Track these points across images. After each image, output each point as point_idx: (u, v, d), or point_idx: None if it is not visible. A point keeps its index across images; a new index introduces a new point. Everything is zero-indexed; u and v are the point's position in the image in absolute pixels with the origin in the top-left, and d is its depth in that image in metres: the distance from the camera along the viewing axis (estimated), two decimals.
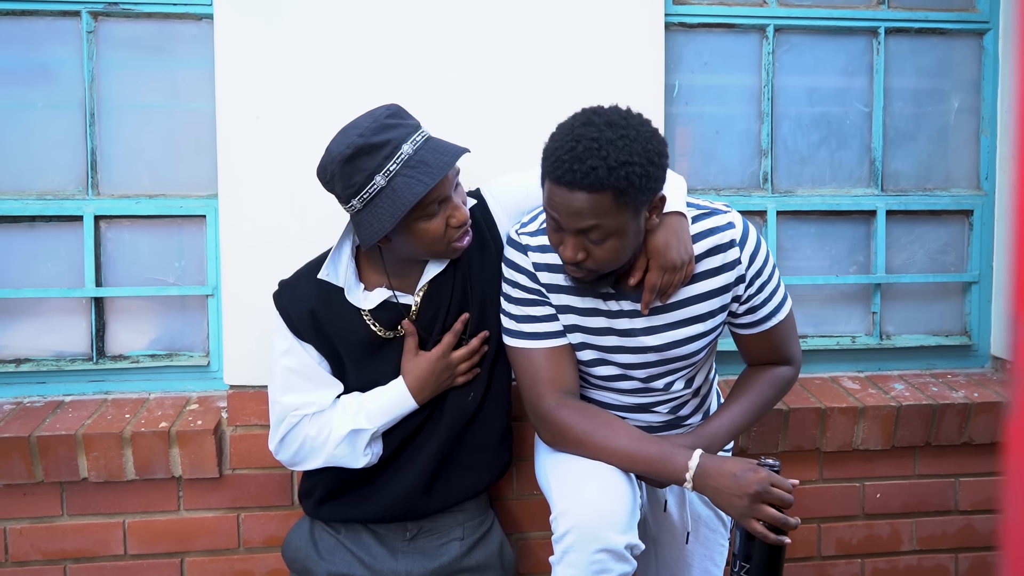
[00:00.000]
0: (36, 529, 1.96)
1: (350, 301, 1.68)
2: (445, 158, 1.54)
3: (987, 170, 2.35)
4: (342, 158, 1.52)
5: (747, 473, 1.47)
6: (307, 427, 1.69)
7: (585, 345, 1.67)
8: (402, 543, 1.80)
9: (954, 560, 2.25)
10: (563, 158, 1.39)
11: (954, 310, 2.39)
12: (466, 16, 2.00)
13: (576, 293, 1.63)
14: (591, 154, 1.37)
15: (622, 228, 1.43)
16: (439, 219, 1.58)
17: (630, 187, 1.38)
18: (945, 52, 2.34)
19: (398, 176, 1.51)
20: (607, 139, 1.38)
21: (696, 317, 1.63)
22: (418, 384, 1.68)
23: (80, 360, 2.10)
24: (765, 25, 2.24)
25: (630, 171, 1.37)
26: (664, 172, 1.45)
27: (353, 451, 1.69)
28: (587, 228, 1.42)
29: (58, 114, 2.08)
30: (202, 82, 2.06)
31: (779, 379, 1.74)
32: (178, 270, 2.13)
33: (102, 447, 1.90)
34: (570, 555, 1.47)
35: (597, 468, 1.58)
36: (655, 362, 1.66)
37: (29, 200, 2.06)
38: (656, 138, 1.43)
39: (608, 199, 1.39)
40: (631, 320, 1.63)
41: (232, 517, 2.01)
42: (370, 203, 1.53)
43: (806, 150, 2.31)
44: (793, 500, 1.47)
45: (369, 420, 1.68)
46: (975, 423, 2.16)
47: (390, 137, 1.52)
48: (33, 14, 2.05)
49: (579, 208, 1.40)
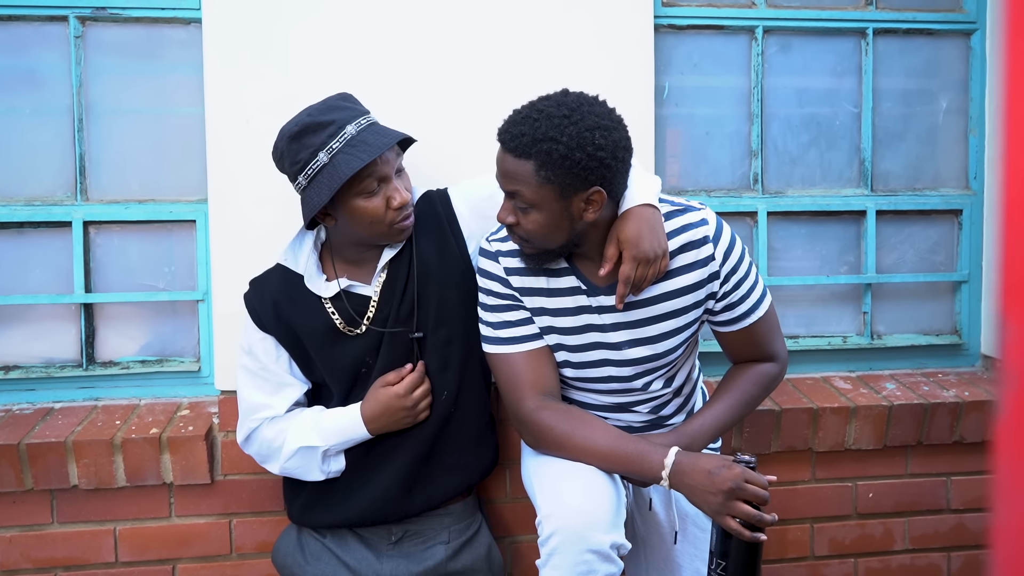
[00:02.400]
0: (26, 537, 1.94)
1: (310, 288, 1.72)
2: (384, 139, 1.61)
3: (976, 170, 2.36)
4: (290, 135, 1.61)
5: (721, 470, 1.47)
6: (266, 431, 1.75)
7: (561, 346, 1.67)
8: (387, 546, 1.79)
9: (946, 559, 2.25)
10: (507, 120, 1.51)
11: (944, 309, 2.40)
12: (455, 18, 2.00)
13: (549, 295, 1.64)
14: (527, 122, 1.46)
15: (544, 204, 1.49)
16: (379, 198, 1.63)
17: (550, 163, 1.44)
18: (933, 52, 2.35)
19: (339, 154, 1.58)
20: (548, 115, 1.45)
21: (669, 313, 1.63)
22: (372, 414, 1.70)
23: (70, 367, 2.09)
24: (754, 26, 2.24)
25: (552, 148, 1.43)
26: (601, 166, 1.45)
27: (307, 466, 1.73)
28: (512, 192, 1.51)
29: (46, 119, 2.07)
30: (191, 86, 2.06)
31: (763, 376, 1.74)
32: (168, 275, 2.12)
33: (92, 454, 1.89)
34: (555, 557, 1.47)
35: (579, 469, 1.59)
36: (630, 361, 1.66)
37: (17, 206, 2.05)
38: (602, 132, 1.45)
39: (530, 168, 1.46)
40: (600, 316, 1.64)
41: (224, 523, 2.00)
42: (313, 179, 1.60)
43: (796, 151, 2.32)
44: (769, 496, 1.47)
45: (322, 438, 1.71)
46: (966, 422, 2.16)
47: (335, 117, 1.60)
48: (20, 19, 2.04)
49: (506, 169, 1.50)
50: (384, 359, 1.73)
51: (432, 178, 1.92)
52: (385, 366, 1.73)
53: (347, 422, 1.71)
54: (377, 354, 1.74)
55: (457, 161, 2.00)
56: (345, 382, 1.75)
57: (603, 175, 1.47)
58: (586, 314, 1.65)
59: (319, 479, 1.75)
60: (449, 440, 1.77)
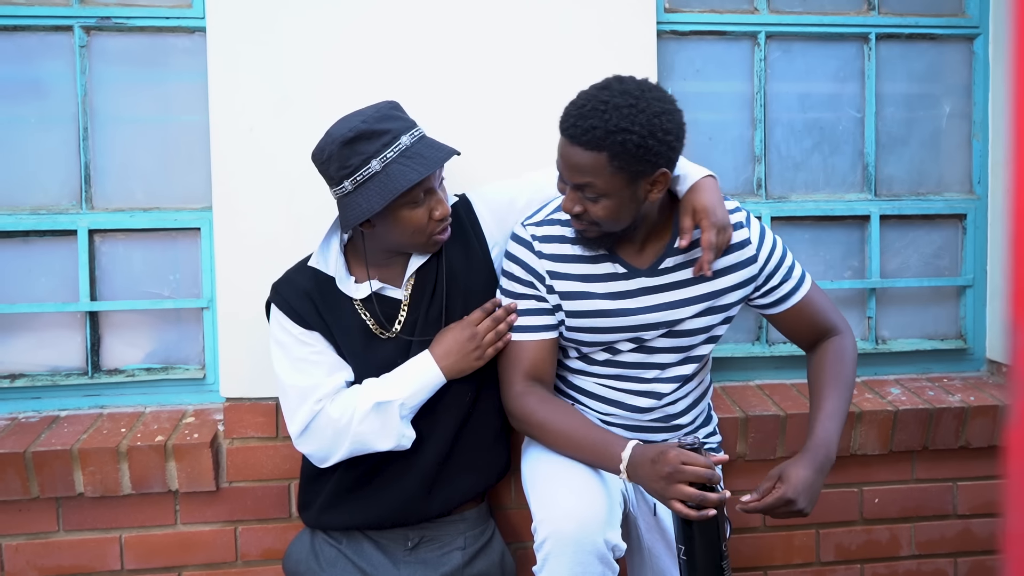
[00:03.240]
0: (32, 545, 1.94)
1: (341, 290, 1.72)
2: (439, 153, 1.63)
3: (979, 174, 2.36)
4: (343, 139, 1.59)
5: (660, 456, 1.47)
6: (331, 410, 1.68)
7: (586, 329, 1.70)
8: (404, 552, 1.79)
9: (953, 564, 2.24)
10: (571, 113, 1.50)
11: (949, 314, 2.40)
12: (460, 25, 2.01)
13: (584, 280, 1.67)
14: (595, 115, 1.46)
15: (615, 191, 1.51)
16: (423, 209, 1.64)
17: (624, 153, 1.46)
18: (936, 57, 2.35)
19: (394, 163, 1.58)
20: (615, 105, 1.46)
21: (709, 310, 1.70)
22: (443, 354, 1.69)
23: (75, 375, 2.09)
24: (756, 32, 2.25)
25: (627, 138, 1.45)
26: (668, 149, 1.50)
27: (382, 427, 1.66)
28: (582, 184, 1.52)
29: (51, 129, 2.07)
30: (195, 95, 2.06)
31: (841, 351, 1.76)
32: (173, 283, 2.12)
33: (98, 462, 1.89)
34: (550, 563, 1.47)
35: (570, 472, 1.60)
36: (658, 349, 1.71)
37: (23, 215, 2.06)
38: (668, 116, 1.49)
39: (603, 160, 1.48)
40: (635, 300, 1.67)
41: (229, 530, 2.00)
42: (362, 185, 1.59)
43: (799, 156, 2.32)
44: (713, 474, 1.44)
45: (398, 391, 1.67)
46: (972, 427, 2.16)
47: (391, 127, 1.61)
48: (25, 29, 2.05)
49: (576, 163, 1.50)
50: None
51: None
52: None
53: (419, 367, 1.69)
54: (407, 357, 1.74)
55: (461, 162, 2.00)
56: None
57: (669, 157, 1.52)
58: (621, 299, 1.67)
59: (389, 447, 1.67)
60: (467, 440, 1.78)
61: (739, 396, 2.18)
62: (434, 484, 1.75)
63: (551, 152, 1.80)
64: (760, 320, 2.30)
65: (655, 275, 1.67)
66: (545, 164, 1.99)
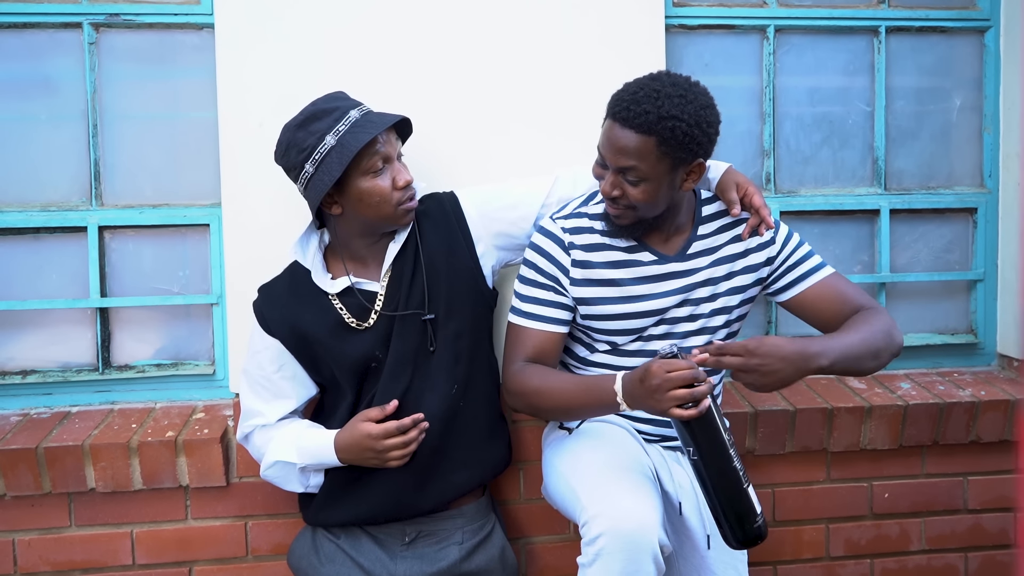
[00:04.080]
0: (44, 540, 1.96)
1: (317, 284, 1.76)
2: (386, 117, 1.69)
3: (990, 168, 2.35)
4: (296, 124, 1.68)
5: (646, 372, 1.49)
6: (256, 437, 1.81)
7: (621, 315, 1.74)
8: (401, 547, 1.80)
9: (964, 559, 2.24)
10: (624, 98, 1.58)
11: (959, 308, 2.39)
12: (467, 20, 2.01)
13: (614, 267, 1.73)
14: (649, 100, 1.55)
15: (657, 176, 1.59)
16: (385, 178, 1.69)
17: (673, 139, 1.54)
18: (946, 50, 2.34)
19: (347, 134, 1.64)
20: (667, 94, 1.55)
21: (731, 290, 1.76)
22: (342, 445, 1.71)
23: (86, 371, 2.10)
24: (766, 26, 2.24)
25: (676, 125, 1.54)
26: (709, 141, 1.60)
27: (285, 477, 1.78)
28: (626, 167, 1.58)
29: (61, 125, 2.08)
30: (204, 91, 2.07)
31: (867, 315, 1.70)
32: (182, 279, 2.13)
33: (109, 457, 1.90)
34: (604, 559, 1.47)
35: (621, 468, 1.61)
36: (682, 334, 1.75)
37: (33, 212, 2.06)
38: (711, 111, 1.60)
39: (652, 144, 1.55)
40: (663, 283, 1.73)
41: (240, 525, 2.01)
42: (321, 163, 1.65)
43: (808, 150, 2.31)
44: (696, 372, 1.46)
45: (299, 456, 1.75)
46: (982, 421, 2.15)
47: (338, 105, 1.68)
48: (35, 26, 2.05)
49: (624, 145, 1.57)
50: (395, 352, 1.74)
51: (444, 178, 1.92)
52: (396, 360, 1.74)
53: (322, 446, 1.73)
54: (387, 347, 1.75)
55: (469, 161, 2.00)
56: (355, 378, 1.76)
57: (708, 149, 1.62)
58: (650, 283, 1.73)
59: (299, 491, 1.81)
60: (459, 434, 1.78)
61: (747, 391, 2.18)
62: (427, 478, 1.76)
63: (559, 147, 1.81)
64: (770, 314, 2.29)
65: (684, 260, 1.74)
66: (552, 157, 1.99)
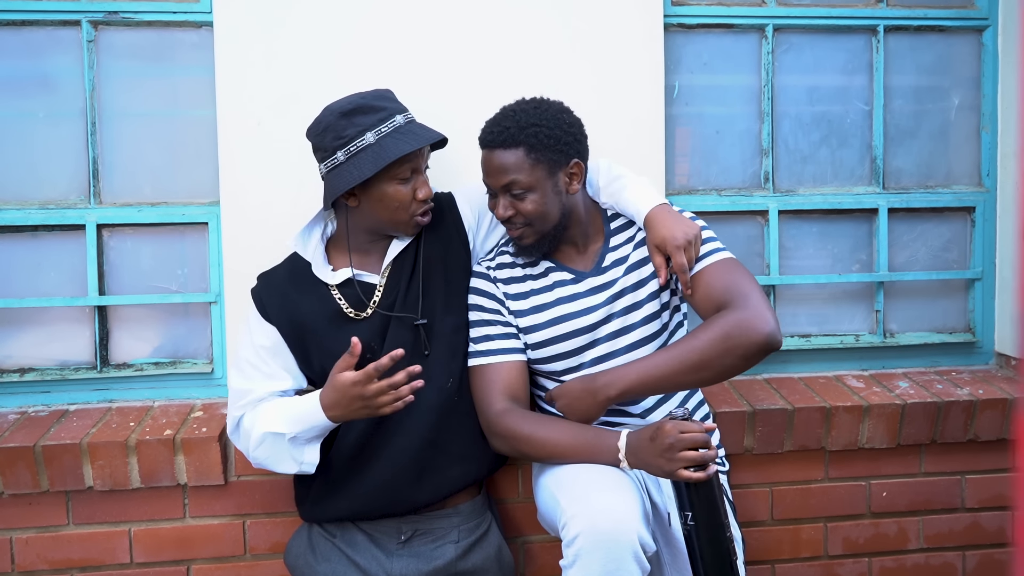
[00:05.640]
0: (42, 538, 1.96)
1: (317, 275, 1.77)
2: (429, 133, 1.73)
3: (988, 166, 2.35)
4: (341, 111, 1.68)
5: (658, 432, 1.53)
6: (245, 421, 1.74)
7: (553, 339, 1.77)
8: (396, 545, 1.79)
9: (961, 558, 2.24)
10: (486, 127, 1.71)
11: (957, 307, 2.39)
12: (464, 20, 2.01)
13: (539, 292, 1.79)
14: (507, 118, 1.69)
15: (538, 183, 1.68)
16: (408, 187, 1.72)
17: (539, 143, 1.66)
18: (944, 49, 2.34)
19: (388, 137, 1.67)
20: (522, 109, 1.69)
21: (651, 296, 1.76)
22: (329, 403, 1.63)
23: (84, 369, 2.10)
24: (764, 25, 2.24)
25: (538, 130, 1.66)
26: (575, 140, 1.70)
27: (277, 455, 1.70)
28: (508, 183, 1.68)
29: (59, 123, 2.08)
30: (203, 89, 2.06)
31: (712, 320, 1.63)
32: (181, 277, 2.13)
33: (107, 455, 1.90)
34: (583, 559, 1.46)
35: (602, 472, 1.60)
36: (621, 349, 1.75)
37: (31, 210, 2.06)
38: (569, 114, 1.72)
39: (521, 154, 1.66)
40: (587, 299, 1.76)
41: (238, 524, 2.01)
42: (355, 156, 1.67)
43: (807, 149, 2.31)
44: (706, 436, 1.51)
45: (286, 425, 1.67)
46: (980, 420, 2.15)
47: (387, 105, 1.71)
48: (33, 24, 2.05)
49: (499, 164, 1.67)
50: (391, 346, 1.73)
51: (441, 178, 1.92)
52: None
53: (309, 410, 1.65)
54: (383, 340, 1.75)
55: (467, 160, 2.00)
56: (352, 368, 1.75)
57: (578, 149, 1.71)
58: (573, 301, 1.77)
59: (291, 471, 1.72)
60: (454, 428, 1.78)
61: (746, 390, 2.18)
62: (422, 472, 1.75)
63: None
64: None
65: (600, 273, 1.78)
66: None
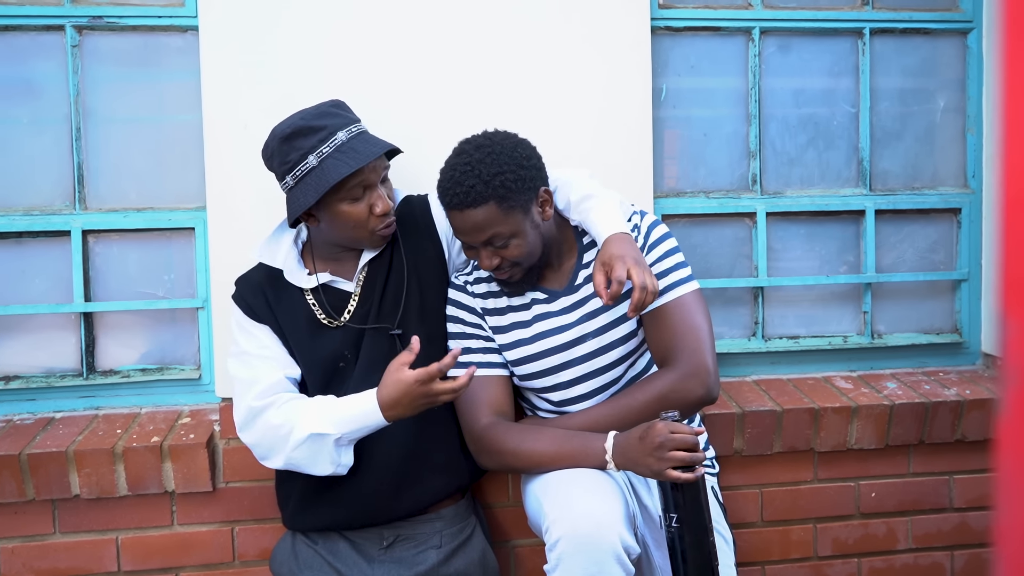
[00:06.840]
0: (28, 548, 1.94)
1: (290, 281, 1.75)
2: (372, 148, 1.66)
3: (974, 168, 2.36)
4: (281, 136, 1.65)
5: (648, 431, 1.53)
6: (272, 417, 1.66)
7: (532, 357, 1.76)
8: (378, 551, 1.78)
9: (950, 558, 2.25)
10: (447, 188, 1.61)
11: (944, 308, 2.40)
12: (450, 23, 2.01)
13: (516, 311, 1.78)
14: (467, 176, 1.58)
15: (518, 226, 1.63)
16: (363, 204, 1.67)
17: (508, 192, 1.59)
18: (930, 52, 2.35)
19: (329, 158, 1.63)
20: (477, 160, 1.59)
21: (624, 315, 1.72)
22: (389, 402, 1.59)
23: (70, 376, 2.09)
24: (751, 28, 2.24)
25: (504, 179, 1.58)
26: (537, 169, 1.65)
27: (315, 456, 1.64)
28: (489, 238, 1.62)
29: (44, 129, 2.07)
30: (189, 94, 2.06)
31: (654, 382, 1.67)
32: (168, 283, 2.12)
33: (94, 463, 1.89)
34: (565, 562, 1.46)
35: (586, 476, 1.60)
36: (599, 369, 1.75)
37: (16, 216, 2.05)
38: (521, 146, 1.64)
39: (494, 208, 1.59)
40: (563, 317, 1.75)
41: (226, 531, 2.00)
42: (301, 180, 1.64)
43: (794, 151, 2.32)
44: (695, 439, 1.51)
45: (334, 426, 1.62)
46: (968, 420, 2.16)
47: (327, 123, 1.65)
48: (17, 29, 2.04)
49: (474, 223, 1.61)
50: (365, 355, 1.73)
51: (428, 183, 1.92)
52: (366, 362, 1.73)
53: (364, 410, 1.60)
54: (357, 349, 1.74)
55: None
56: (322, 376, 1.73)
57: (541, 176, 1.66)
58: (550, 319, 1.76)
59: (326, 472, 1.65)
60: (436, 439, 1.77)
61: (735, 392, 2.19)
62: (402, 483, 1.74)
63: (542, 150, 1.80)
64: (756, 315, 2.30)
65: (573, 291, 1.76)
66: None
